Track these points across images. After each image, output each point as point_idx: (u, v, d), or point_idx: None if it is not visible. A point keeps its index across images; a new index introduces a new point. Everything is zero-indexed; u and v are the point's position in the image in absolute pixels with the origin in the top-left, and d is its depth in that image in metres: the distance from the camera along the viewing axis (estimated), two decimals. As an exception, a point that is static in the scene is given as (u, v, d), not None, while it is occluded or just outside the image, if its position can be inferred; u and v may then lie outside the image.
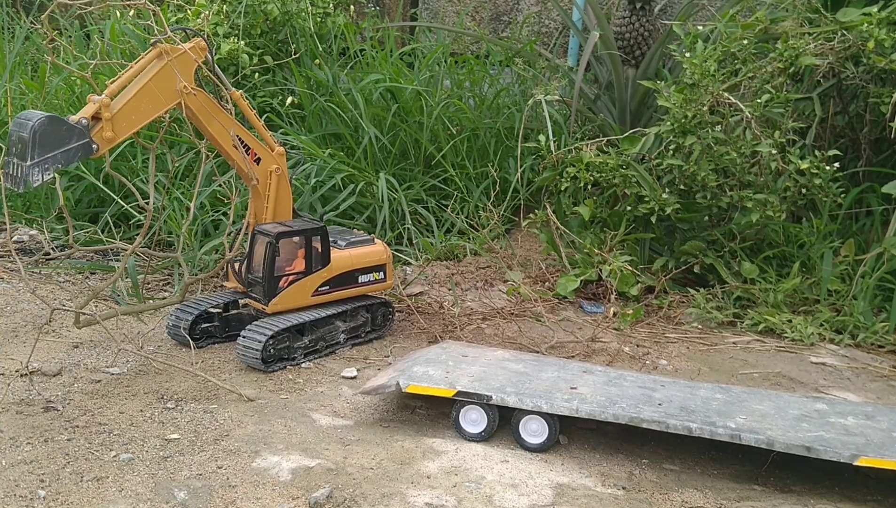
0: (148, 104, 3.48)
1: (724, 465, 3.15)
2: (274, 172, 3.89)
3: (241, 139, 3.76)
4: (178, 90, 3.51)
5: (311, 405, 3.45)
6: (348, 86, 5.89)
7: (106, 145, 3.38)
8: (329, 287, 3.97)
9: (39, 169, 3.21)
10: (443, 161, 5.76)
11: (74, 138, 3.27)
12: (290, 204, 3.99)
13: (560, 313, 4.69)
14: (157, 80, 3.47)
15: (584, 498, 2.84)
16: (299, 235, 3.86)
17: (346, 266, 4.01)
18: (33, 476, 2.82)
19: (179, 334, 3.92)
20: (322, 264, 3.93)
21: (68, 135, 3.25)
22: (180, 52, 3.50)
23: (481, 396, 3.17)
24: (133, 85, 3.45)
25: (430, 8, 8.25)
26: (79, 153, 3.31)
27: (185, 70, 3.53)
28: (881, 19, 4.67)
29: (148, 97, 3.46)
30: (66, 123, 3.24)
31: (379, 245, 4.18)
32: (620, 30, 6.04)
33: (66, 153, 3.27)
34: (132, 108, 3.43)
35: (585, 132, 5.95)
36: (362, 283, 4.09)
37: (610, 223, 5.17)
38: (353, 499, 2.75)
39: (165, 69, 3.47)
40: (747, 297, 4.74)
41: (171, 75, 3.49)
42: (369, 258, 4.10)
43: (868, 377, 4.02)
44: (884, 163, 5.24)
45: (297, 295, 3.88)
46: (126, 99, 3.41)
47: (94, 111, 3.33)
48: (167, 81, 3.50)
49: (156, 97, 3.48)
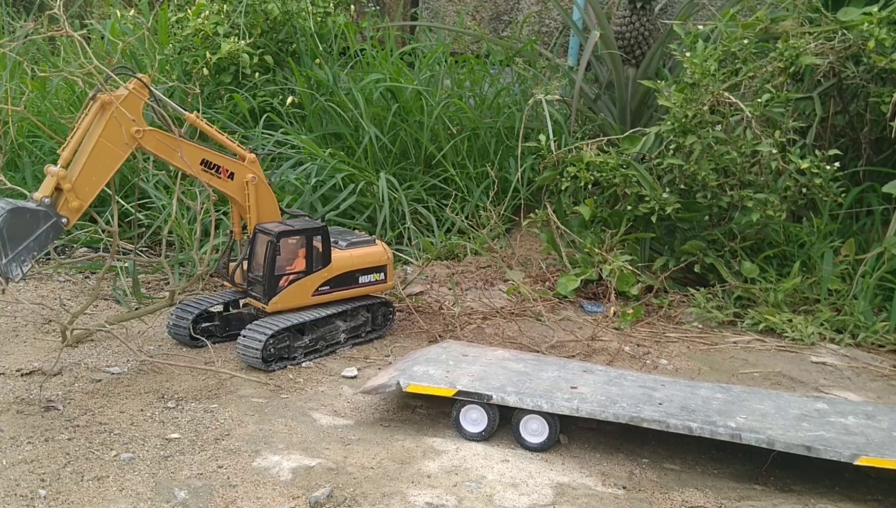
0: (105, 160, 3.38)
1: (724, 464, 3.15)
2: (250, 181, 3.81)
3: (209, 162, 3.68)
4: (131, 135, 3.40)
5: (312, 405, 3.45)
6: (349, 85, 5.89)
7: (75, 215, 3.33)
8: (329, 287, 3.98)
9: (16, 263, 3.21)
10: (443, 161, 5.76)
11: (41, 223, 3.24)
12: (275, 206, 3.96)
13: (560, 312, 4.69)
14: (106, 133, 3.36)
15: (584, 498, 2.84)
16: (300, 234, 3.86)
17: (346, 267, 4.01)
18: (34, 475, 2.82)
19: (180, 333, 3.93)
20: (322, 263, 3.93)
21: (34, 221, 3.23)
22: (123, 98, 3.37)
23: (482, 395, 3.17)
24: (85, 145, 3.36)
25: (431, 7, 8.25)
26: (50, 235, 3.29)
27: (133, 113, 3.40)
28: (881, 19, 4.66)
29: (103, 154, 3.36)
30: (29, 211, 3.21)
31: (379, 246, 4.18)
32: (621, 29, 6.03)
33: (37, 240, 3.25)
34: (90, 170, 3.34)
35: (586, 132, 5.94)
36: (363, 283, 4.09)
37: (610, 223, 5.17)
38: (353, 499, 2.75)
39: (112, 120, 3.35)
40: (748, 296, 4.74)
41: (119, 125, 3.37)
42: (370, 259, 4.10)
43: (868, 377, 4.02)
44: (884, 162, 5.24)
45: (297, 295, 3.88)
46: (82, 162, 3.32)
47: (53, 185, 3.27)
48: (117, 131, 3.38)
49: (111, 151, 3.38)
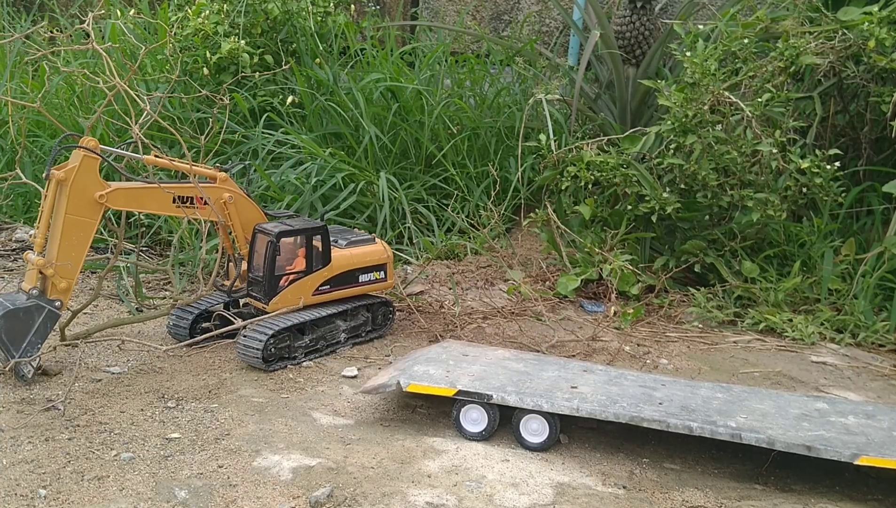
0: (78, 234, 3.39)
1: (724, 464, 3.15)
2: (227, 201, 3.79)
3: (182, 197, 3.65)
4: (95, 201, 3.40)
5: (312, 405, 3.45)
6: (349, 85, 5.89)
7: (66, 295, 3.40)
8: (330, 286, 3.98)
9: (25, 359, 3.37)
10: (443, 160, 5.76)
11: (36, 316, 3.33)
12: (259, 213, 3.93)
13: (561, 312, 4.68)
14: (71, 208, 3.35)
15: (584, 498, 2.84)
16: (300, 234, 3.86)
17: (346, 265, 4.01)
18: (34, 475, 2.82)
19: (180, 333, 3.93)
20: (322, 263, 3.93)
21: (28, 317, 3.32)
22: (74, 169, 3.34)
23: (482, 395, 3.17)
24: (54, 226, 3.37)
25: (431, 7, 8.25)
26: (48, 324, 3.38)
27: (91, 179, 3.39)
28: (882, 18, 4.66)
29: (74, 229, 3.37)
30: (22, 309, 3.29)
31: (379, 244, 4.18)
32: (621, 29, 6.03)
33: (37, 333, 3.36)
34: (66, 248, 3.36)
35: (586, 131, 5.94)
36: (363, 282, 4.09)
37: (610, 222, 5.17)
38: (353, 498, 2.75)
39: (72, 194, 3.34)
40: (748, 296, 4.74)
41: (80, 196, 3.36)
42: (370, 258, 4.10)
43: (869, 377, 4.02)
44: (884, 162, 5.24)
45: (297, 294, 3.88)
46: (57, 243, 3.35)
47: (36, 274, 3.34)
48: (80, 202, 3.37)
49: (81, 223, 3.39)
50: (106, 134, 5.22)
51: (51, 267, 3.33)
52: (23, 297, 3.35)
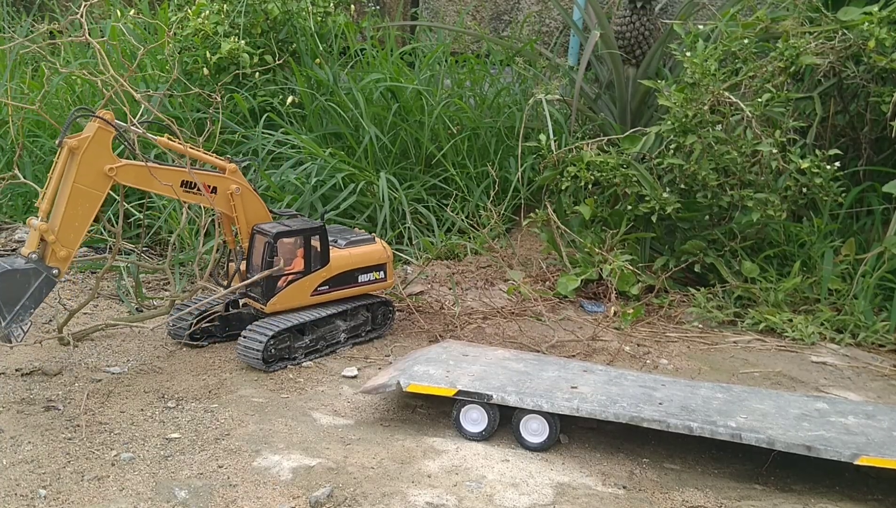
0: (84, 204, 3.38)
1: (724, 464, 3.15)
2: (234, 193, 3.81)
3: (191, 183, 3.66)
4: (104, 174, 3.40)
5: (312, 405, 3.45)
6: (349, 85, 5.89)
7: (65, 264, 3.36)
8: (328, 287, 3.97)
9: (16, 324, 3.29)
10: (443, 160, 5.76)
11: (33, 280, 3.29)
12: (264, 210, 3.94)
13: (561, 312, 4.68)
14: (80, 178, 3.35)
15: (584, 498, 2.84)
16: (298, 235, 3.85)
17: (345, 266, 4.01)
18: (34, 475, 2.82)
19: (180, 334, 3.93)
20: (321, 263, 3.93)
21: (25, 281, 3.27)
22: (88, 139, 3.35)
23: (482, 395, 3.17)
24: (61, 194, 3.36)
25: (431, 7, 8.25)
26: (43, 289, 3.33)
27: (102, 152, 3.40)
28: (882, 18, 4.66)
29: (80, 199, 3.36)
30: (19, 271, 3.26)
31: (378, 244, 4.18)
32: (621, 29, 6.03)
33: (31, 297, 3.30)
34: (70, 217, 3.35)
35: (586, 131, 5.94)
36: (362, 282, 4.08)
37: (610, 222, 5.17)
38: (353, 498, 2.75)
39: (82, 163, 3.35)
40: (748, 296, 4.74)
41: (90, 167, 3.37)
42: (369, 258, 4.10)
43: (869, 377, 4.02)
44: (884, 162, 5.24)
45: (295, 295, 3.88)
46: (62, 211, 3.33)
47: (38, 239, 3.31)
48: (90, 173, 3.38)
49: (88, 194, 3.38)
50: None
51: (53, 234, 3.30)
52: (21, 260, 3.30)
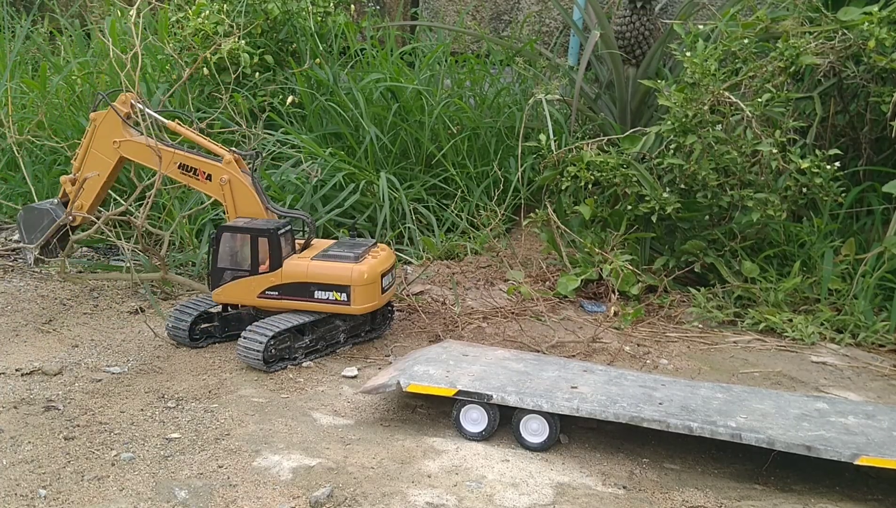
0: (98, 166, 4.14)
1: (724, 464, 3.15)
2: (222, 182, 3.95)
3: (186, 165, 4.03)
4: (112, 144, 4.09)
5: (312, 405, 3.45)
6: (349, 85, 5.89)
7: (81, 212, 4.18)
8: (278, 293, 3.82)
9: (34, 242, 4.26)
10: (443, 160, 5.76)
11: (45, 220, 4.23)
12: (258, 205, 3.94)
13: (561, 312, 4.68)
14: (95, 144, 4.13)
15: (584, 498, 2.84)
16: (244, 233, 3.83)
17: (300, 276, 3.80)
18: (34, 475, 2.82)
19: (179, 334, 3.93)
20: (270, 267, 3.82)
21: (40, 216, 4.24)
22: (104, 116, 4.08)
23: (482, 395, 3.17)
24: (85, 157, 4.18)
25: (431, 7, 8.25)
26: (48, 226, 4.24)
27: (113, 126, 4.08)
28: (882, 18, 4.66)
29: (94, 161, 4.15)
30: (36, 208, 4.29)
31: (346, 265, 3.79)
32: (621, 29, 6.03)
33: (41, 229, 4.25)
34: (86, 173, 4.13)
35: (586, 131, 5.94)
36: (318, 299, 3.82)
37: (610, 222, 5.17)
38: (353, 498, 2.75)
39: (98, 133, 4.11)
40: (748, 296, 4.74)
41: (104, 137, 4.10)
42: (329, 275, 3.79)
43: (869, 377, 4.02)
44: (884, 162, 5.24)
45: (240, 292, 3.90)
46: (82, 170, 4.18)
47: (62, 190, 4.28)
48: (103, 142, 4.11)
49: (99, 159, 4.14)
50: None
51: (71, 185, 4.19)
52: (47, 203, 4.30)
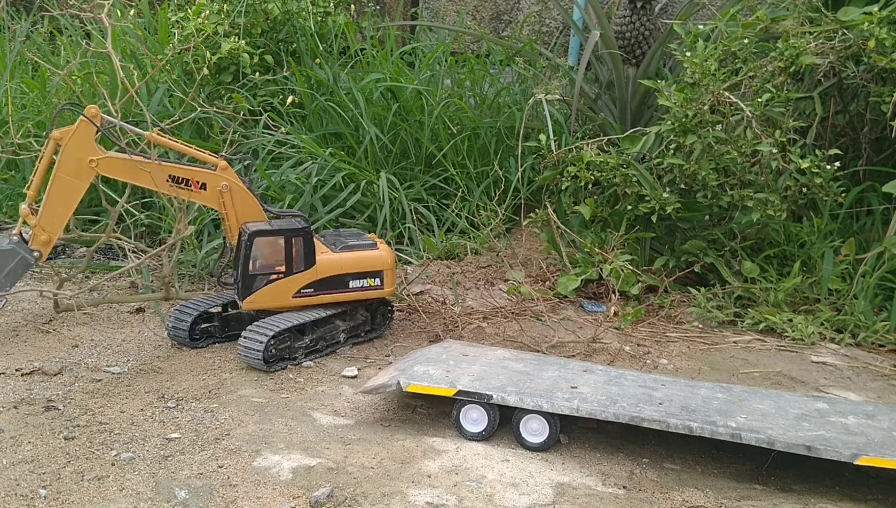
0: (66, 193, 3.61)
1: (724, 464, 3.15)
2: (222, 189, 3.81)
3: (177, 176, 3.75)
4: (86, 165, 3.59)
5: (312, 405, 3.45)
6: (349, 85, 5.89)
7: (47, 248, 3.63)
8: (314, 290, 3.87)
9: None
10: (443, 160, 5.76)
11: (10, 260, 3.60)
12: (258, 208, 3.91)
13: (561, 312, 4.69)
14: (62, 167, 3.57)
15: (584, 497, 2.84)
16: (278, 234, 3.80)
17: (334, 270, 3.90)
18: (34, 475, 2.82)
19: (179, 335, 3.93)
20: (305, 265, 3.85)
21: (3, 258, 3.60)
22: (72, 132, 3.56)
23: (482, 395, 3.17)
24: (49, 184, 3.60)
25: (431, 7, 8.25)
26: (19, 269, 3.65)
27: (85, 144, 3.58)
28: (882, 18, 4.66)
29: (63, 187, 3.59)
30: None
31: (380, 250, 4.02)
32: (621, 29, 6.03)
33: (8, 275, 3.63)
34: (53, 203, 3.59)
35: (586, 131, 5.94)
36: (354, 288, 3.95)
37: (611, 222, 5.17)
38: (353, 498, 2.75)
39: (64, 154, 3.57)
40: (748, 296, 4.74)
41: (74, 157, 3.58)
42: (363, 263, 3.95)
43: (869, 377, 4.02)
44: (884, 162, 5.24)
45: (275, 295, 3.83)
46: (46, 198, 3.59)
47: (21, 223, 3.61)
48: (72, 163, 3.59)
49: (70, 183, 3.61)
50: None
51: (34, 218, 3.58)
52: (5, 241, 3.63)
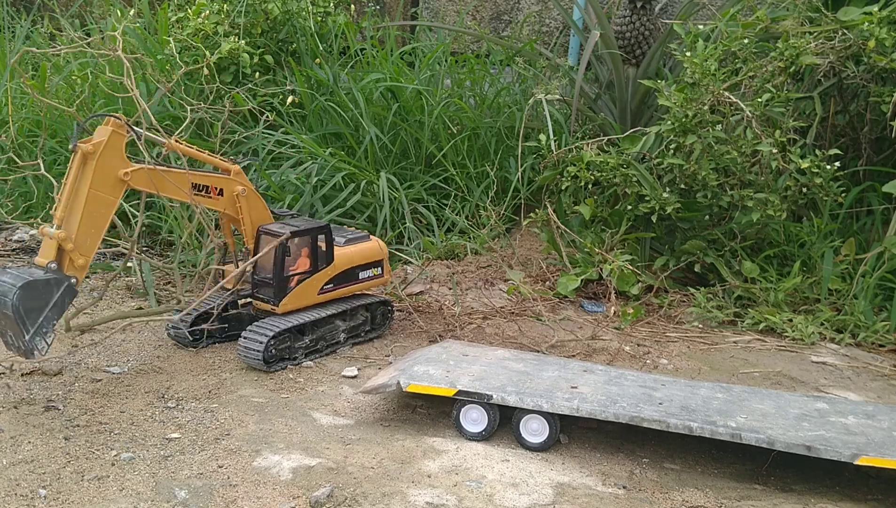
0: (100, 210, 3.29)
1: (724, 464, 3.15)
2: (240, 194, 3.80)
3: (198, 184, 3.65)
4: (119, 179, 3.33)
5: (312, 405, 3.45)
6: (349, 85, 5.89)
7: (82, 272, 3.26)
8: (333, 285, 4.01)
9: (40, 336, 3.15)
10: (443, 160, 5.76)
11: (55, 290, 3.16)
12: (266, 211, 3.94)
13: (560, 312, 4.68)
14: (95, 183, 3.26)
15: (584, 497, 2.84)
16: (307, 234, 3.87)
17: (347, 263, 4.04)
18: (34, 475, 2.82)
19: (180, 335, 3.93)
20: (327, 262, 3.95)
21: (47, 290, 3.14)
22: (102, 143, 3.26)
23: (482, 395, 3.17)
24: (76, 201, 3.26)
25: (431, 7, 8.25)
26: (66, 299, 3.22)
27: (116, 156, 3.32)
28: (882, 18, 4.66)
29: (96, 204, 3.27)
30: (41, 281, 3.11)
31: (374, 241, 4.22)
32: (621, 29, 6.03)
33: (54, 308, 3.17)
34: (87, 223, 3.25)
35: (586, 131, 5.94)
36: (362, 279, 4.13)
37: (610, 222, 5.17)
38: (353, 498, 2.75)
39: (98, 169, 3.26)
40: (748, 296, 4.74)
41: (105, 172, 3.28)
42: (367, 254, 4.15)
43: (868, 377, 4.02)
44: (884, 162, 5.24)
45: (305, 294, 3.90)
46: (78, 218, 3.22)
47: (55, 248, 3.18)
48: (105, 178, 3.29)
49: (103, 199, 3.30)
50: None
51: (71, 242, 3.17)
52: (39, 271, 3.17)
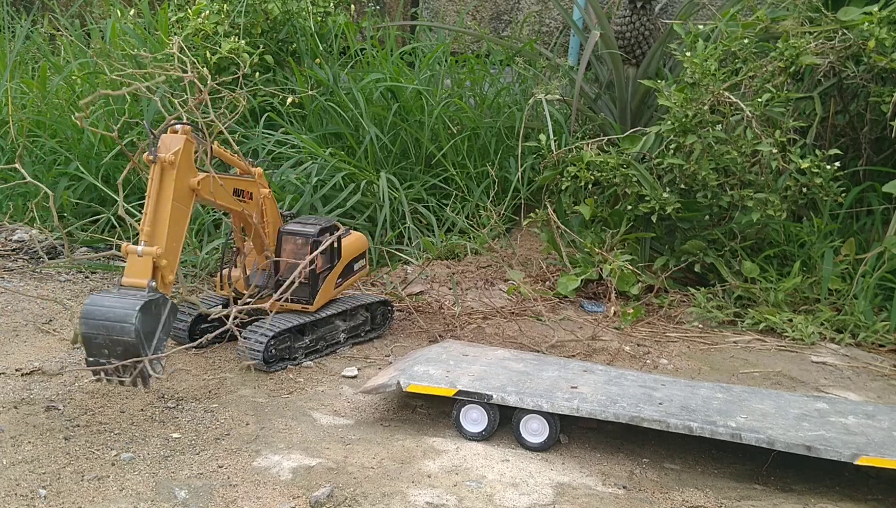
0: (181, 222, 3.18)
1: (724, 464, 3.15)
2: (267, 197, 3.77)
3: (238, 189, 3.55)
4: (192, 189, 3.20)
5: (312, 405, 3.45)
6: (349, 85, 5.89)
7: (170, 290, 3.14)
8: (342, 279, 4.10)
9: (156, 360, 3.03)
10: (443, 160, 5.76)
11: (163, 310, 3.04)
12: (278, 212, 3.96)
13: (560, 312, 4.69)
14: (176, 194, 3.12)
15: (584, 498, 2.84)
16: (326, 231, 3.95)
17: (347, 257, 4.12)
18: (34, 475, 2.82)
19: (179, 335, 3.93)
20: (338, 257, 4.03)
21: (158, 311, 3.01)
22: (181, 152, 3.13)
23: (482, 395, 3.17)
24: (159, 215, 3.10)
25: (431, 7, 8.25)
26: (172, 318, 3.11)
27: (190, 165, 3.20)
28: (882, 18, 4.66)
29: (178, 216, 3.15)
30: (153, 302, 2.97)
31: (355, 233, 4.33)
32: (621, 29, 6.03)
33: (164, 328, 3.07)
34: (172, 237, 3.12)
35: (586, 131, 5.94)
36: (356, 271, 4.25)
37: (610, 222, 5.17)
38: (353, 498, 2.75)
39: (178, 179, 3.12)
40: (748, 296, 4.74)
41: (183, 182, 3.16)
42: (358, 247, 4.25)
43: (869, 377, 4.02)
44: (884, 162, 5.24)
45: (328, 290, 3.99)
46: (164, 233, 3.08)
47: (150, 267, 3.02)
48: (183, 189, 3.17)
49: (183, 211, 3.20)
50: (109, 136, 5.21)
51: (165, 258, 3.04)
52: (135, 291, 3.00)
